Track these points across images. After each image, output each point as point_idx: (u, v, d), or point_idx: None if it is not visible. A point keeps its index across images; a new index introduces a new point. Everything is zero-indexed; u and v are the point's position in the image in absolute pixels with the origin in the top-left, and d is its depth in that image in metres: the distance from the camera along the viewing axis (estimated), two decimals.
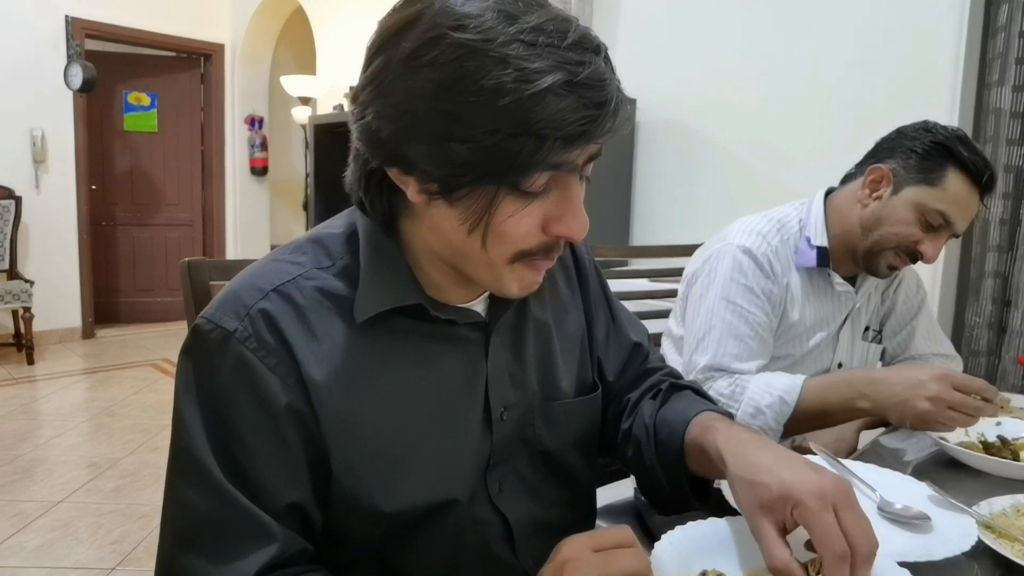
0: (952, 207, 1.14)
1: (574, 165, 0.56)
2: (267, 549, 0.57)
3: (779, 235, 1.25)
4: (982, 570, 0.67)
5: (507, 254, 0.59)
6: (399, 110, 0.54)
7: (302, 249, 0.66)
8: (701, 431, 0.69)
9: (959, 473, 0.94)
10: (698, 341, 1.21)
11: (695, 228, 2.69)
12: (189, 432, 0.58)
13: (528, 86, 0.50)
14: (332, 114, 3.91)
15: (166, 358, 4.63)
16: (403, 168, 0.57)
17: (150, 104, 5.63)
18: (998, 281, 2.14)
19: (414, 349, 0.66)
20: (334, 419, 0.61)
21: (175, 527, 0.58)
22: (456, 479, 0.67)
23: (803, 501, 0.54)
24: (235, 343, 0.59)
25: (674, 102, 2.78)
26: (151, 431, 3.20)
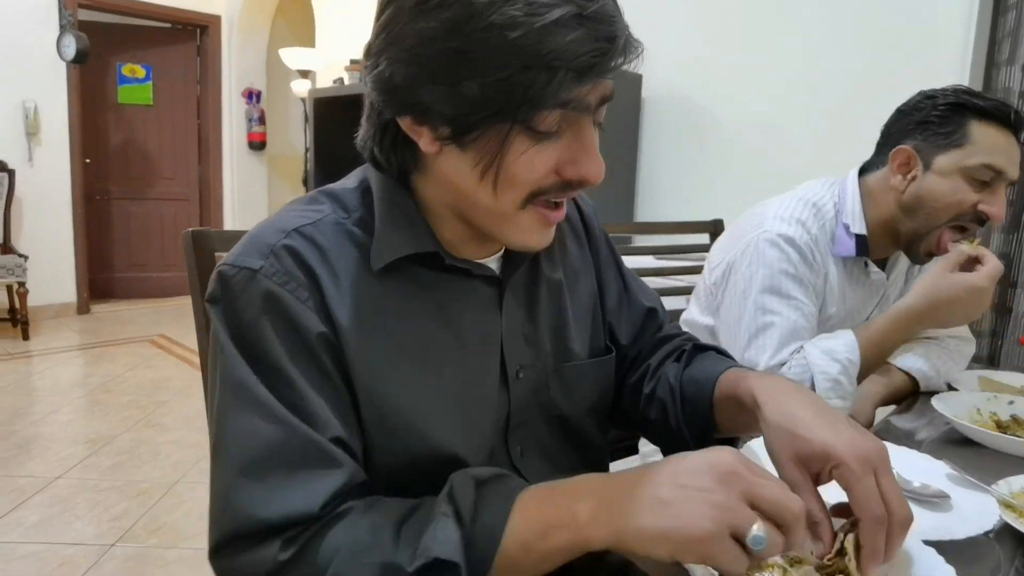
0: (993, 155, 1.08)
1: (586, 104, 0.56)
2: (334, 477, 0.56)
3: (816, 222, 1.19)
4: (1002, 549, 0.66)
5: (519, 198, 0.59)
6: (412, 54, 0.55)
7: (318, 200, 0.66)
8: (733, 382, 0.69)
9: (972, 453, 0.93)
10: (751, 338, 1.15)
11: (700, 205, 2.67)
12: (235, 366, 0.57)
13: (537, 19, 0.50)
14: (332, 88, 3.85)
15: (162, 334, 4.61)
16: (417, 115, 0.58)
17: (145, 76, 5.55)
18: (1004, 262, 2.12)
19: (431, 298, 0.66)
20: (359, 360, 0.60)
21: (238, 457, 0.56)
22: (476, 433, 0.68)
23: (846, 462, 0.53)
24: (262, 279, 0.58)
25: (680, 78, 2.74)
26: (148, 408, 3.19)
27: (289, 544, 0.53)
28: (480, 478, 0.55)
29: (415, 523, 0.53)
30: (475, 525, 0.51)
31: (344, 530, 0.54)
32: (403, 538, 0.52)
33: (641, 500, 0.49)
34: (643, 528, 0.48)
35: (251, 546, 0.54)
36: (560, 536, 0.50)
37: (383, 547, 0.52)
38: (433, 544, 0.50)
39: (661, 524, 0.47)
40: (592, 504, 0.50)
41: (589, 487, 0.53)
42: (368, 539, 0.53)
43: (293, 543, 0.53)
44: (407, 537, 0.52)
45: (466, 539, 0.51)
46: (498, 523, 0.51)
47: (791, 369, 1.11)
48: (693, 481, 0.48)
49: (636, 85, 2.81)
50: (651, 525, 0.48)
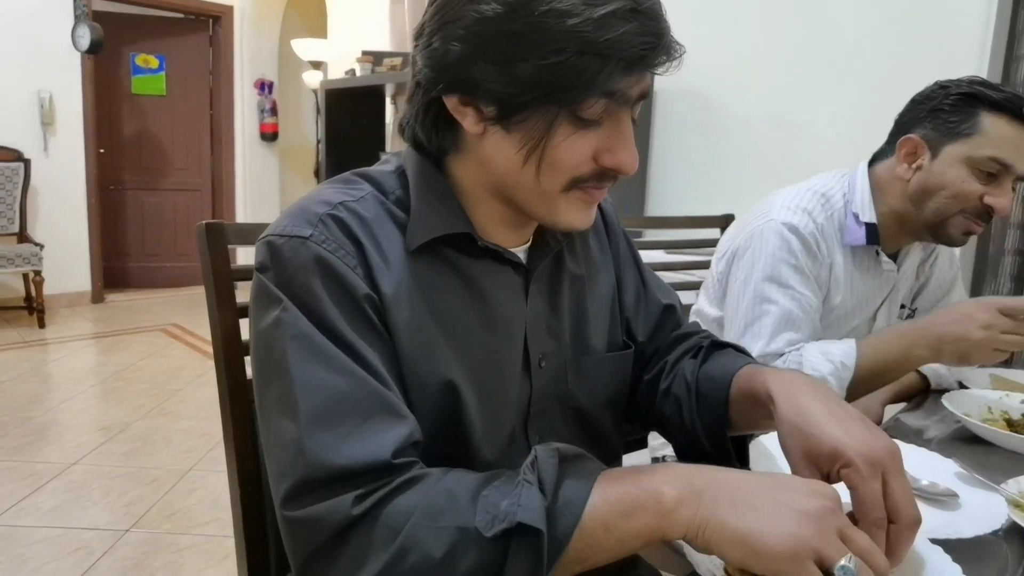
0: (1001, 148, 1.07)
1: (628, 97, 0.59)
2: (400, 428, 0.57)
3: (824, 212, 1.19)
4: (1011, 548, 0.66)
5: (561, 182, 0.62)
6: (469, 32, 0.57)
7: (355, 181, 0.68)
8: (749, 378, 0.69)
9: (982, 451, 0.93)
10: (747, 326, 1.15)
11: (711, 199, 2.66)
12: (299, 325, 0.58)
13: (596, 8, 0.54)
14: (344, 79, 3.85)
15: (176, 323, 4.65)
16: (465, 93, 0.60)
17: (158, 67, 5.58)
18: (1017, 259, 2.11)
19: (464, 279, 0.68)
20: (399, 328, 0.62)
21: (309, 408, 0.56)
22: (499, 414, 0.69)
23: (854, 464, 0.53)
24: (312, 245, 0.60)
25: (692, 71, 2.71)
26: (161, 396, 3.22)
27: (361, 500, 0.53)
28: (565, 453, 0.55)
29: (494, 491, 0.53)
30: (557, 497, 0.51)
31: (419, 494, 0.53)
32: (481, 504, 0.52)
33: (732, 499, 0.49)
34: (727, 524, 0.48)
35: (323, 496, 0.54)
36: (642, 518, 0.50)
37: (460, 511, 0.52)
38: (517, 510, 0.50)
39: (746, 526, 0.47)
40: (679, 489, 0.51)
41: (677, 473, 0.53)
42: (444, 503, 0.52)
43: (365, 499, 0.53)
44: (485, 504, 0.52)
45: (548, 509, 0.50)
46: (580, 498, 0.51)
47: (785, 363, 1.11)
48: (791, 500, 0.49)
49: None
50: (736, 524, 0.48)
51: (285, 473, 0.56)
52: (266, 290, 0.61)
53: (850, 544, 0.47)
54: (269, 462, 0.59)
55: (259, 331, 0.61)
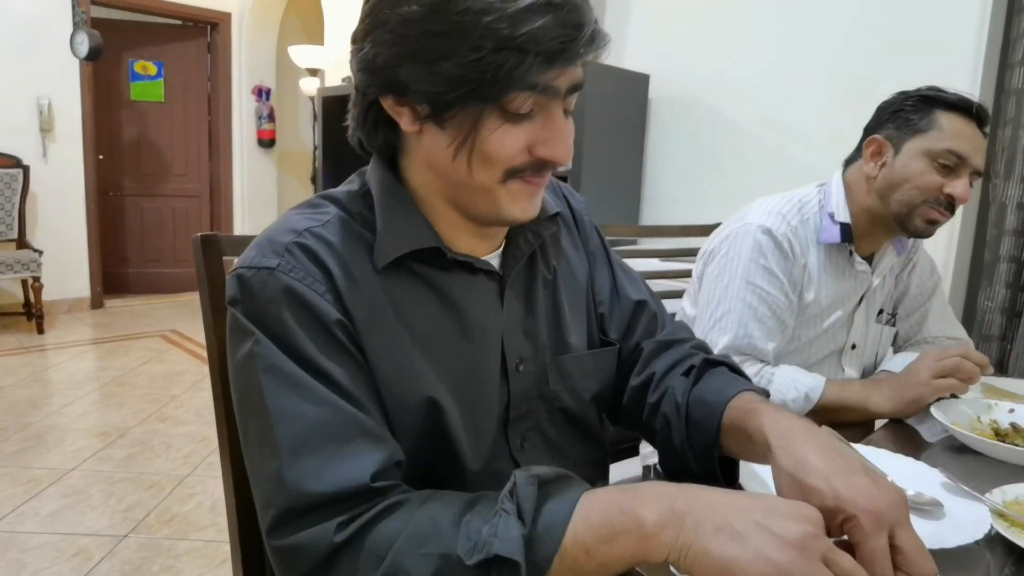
0: (957, 141, 1.15)
1: (556, 90, 0.60)
2: (379, 451, 0.58)
3: (799, 215, 1.25)
4: (994, 558, 0.67)
5: (497, 175, 0.62)
6: (394, 35, 0.59)
7: (321, 205, 0.69)
8: (744, 414, 0.68)
9: (971, 460, 0.94)
10: (716, 320, 1.21)
11: (706, 207, 2.67)
12: (273, 357, 0.59)
13: (510, 4, 0.55)
14: (341, 86, 3.86)
15: (175, 329, 4.65)
16: (398, 94, 0.61)
17: (157, 73, 5.59)
18: (1012, 266, 2.11)
19: (437, 293, 0.68)
20: (374, 350, 0.63)
21: (287, 438, 0.57)
22: (478, 424, 0.70)
23: (857, 520, 0.51)
24: (279, 275, 0.61)
25: (687, 78, 2.74)
26: (160, 401, 3.23)
27: (344, 526, 0.54)
28: (544, 477, 0.55)
29: (476, 517, 0.53)
30: (536, 524, 0.51)
31: (402, 519, 0.54)
32: (463, 531, 0.52)
33: (715, 524, 0.48)
34: (710, 552, 0.47)
35: (306, 524, 0.55)
36: (624, 542, 0.50)
37: (443, 538, 0.52)
38: (494, 541, 0.50)
39: (730, 555, 0.47)
40: (660, 513, 0.50)
41: (659, 495, 0.52)
42: (428, 529, 0.53)
43: (348, 525, 0.54)
44: (467, 530, 0.52)
45: (527, 538, 0.51)
46: (560, 524, 0.51)
47: (758, 380, 1.16)
48: (775, 525, 0.47)
49: (643, 85, 2.80)
50: (719, 552, 0.47)
51: (269, 504, 0.57)
52: (238, 323, 0.62)
53: (834, 568, 0.46)
54: (255, 494, 0.60)
55: (235, 364, 0.62)
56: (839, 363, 1.32)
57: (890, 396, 1.11)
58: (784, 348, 1.25)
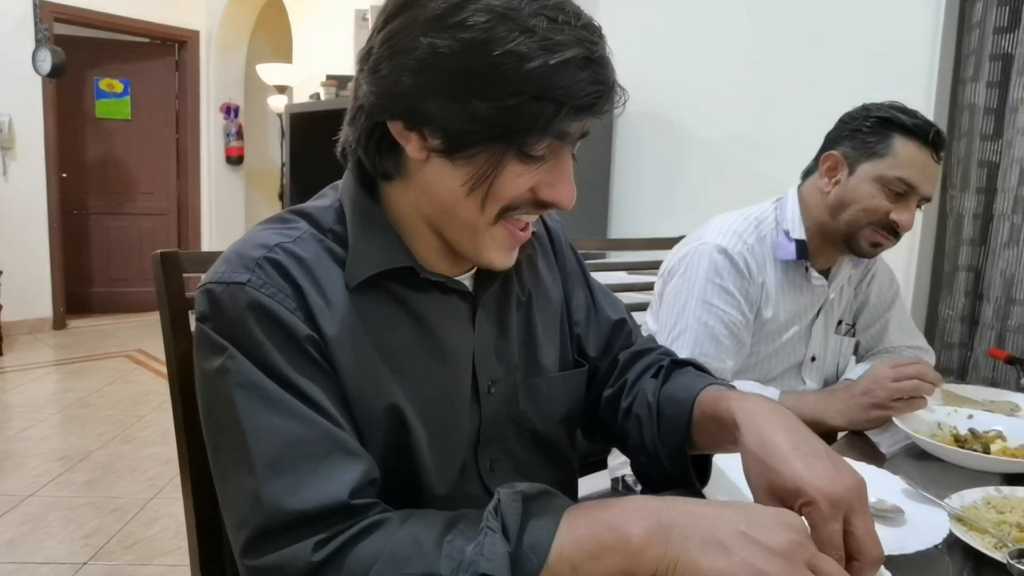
0: (909, 170, 1.16)
1: (572, 136, 0.60)
2: (356, 467, 0.57)
3: (756, 232, 1.27)
4: (953, 562, 0.68)
5: (495, 211, 0.62)
6: (422, 64, 0.57)
7: (292, 220, 0.67)
8: (713, 401, 0.69)
9: (932, 466, 0.95)
10: (673, 339, 1.22)
11: (674, 221, 2.70)
12: (247, 373, 0.58)
13: (553, 56, 0.55)
14: (308, 103, 3.85)
15: (141, 349, 4.56)
16: (411, 121, 0.60)
17: (123, 91, 5.52)
18: (971, 275, 2.17)
19: (410, 312, 0.67)
20: (344, 368, 0.62)
21: (262, 456, 0.56)
22: (448, 446, 0.69)
23: (816, 503, 0.53)
24: (250, 291, 0.60)
25: (654, 94, 2.77)
26: (126, 423, 3.15)
27: (322, 546, 0.53)
28: (528, 494, 0.54)
29: (459, 536, 0.52)
30: (522, 542, 0.51)
31: (382, 539, 0.53)
32: (446, 550, 0.51)
33: (702, 537, 0.48)
34: (698, 566, 0.47)
35: (283, 543, 0.53)
36: (610, 558, 0.50)
37: (425, 558, 0.51)
38: (480, 559, 0.49)
39: (718, 567, 0.47)
40: (647, 528, 0.50)
41: (645, 510, 0.52)
42: (409, 549, 0.52)
43: (327, 545, 0.53)
44: (450, 550, 0.51)
45: (512, 556, 0.50)
46: (545, 541, 0.51)
47: None
48: (760, 535, 0.48)
49: None
50: (707, 566, 0.47)
51: (244, 523, 0.56)
52: (209, 339, 0.60)
53: (819, 573, 0.47)
54: (226, 514, 0.59)
55: (205, 381, 0.61)
56: (799, 375, 1.34)
57: (847, 414, 1.12)
58: (744, 363, 1.26)
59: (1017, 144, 2.01)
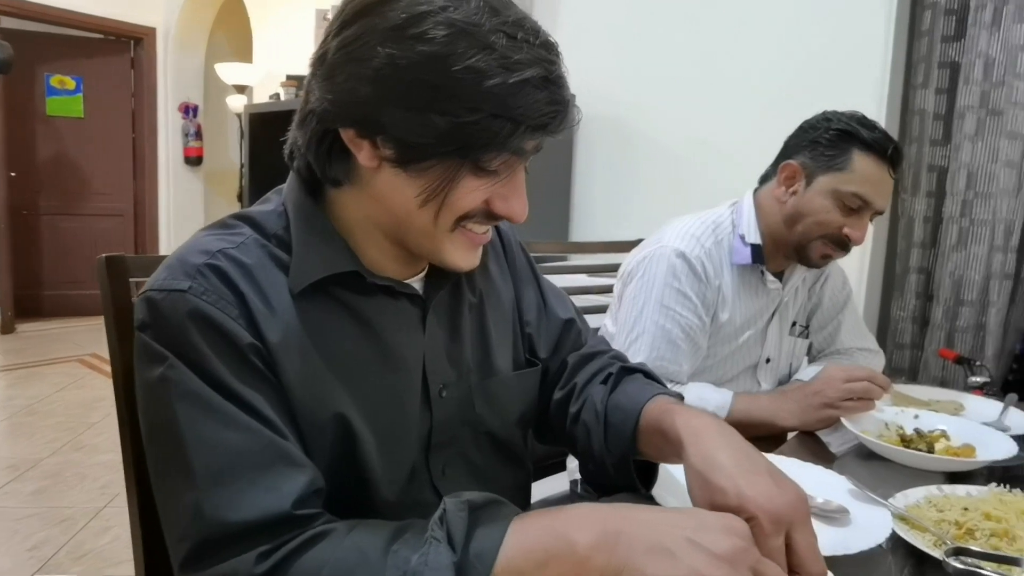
0: (865, 186, 1.18)
1: (526, 152, 0.61)
2: (300, 477, 0.56)
3: (713, 236, 1.28)
4: (895, 561, 0.70)
5: (450, 222, 0.63)
6: (380, 75, 0.56)
7: (235, 225, 0.66)
8: (658, 414, 0.70)
9: (879, 466, 0.97)
10: (631, 342, 1.23)
11: (634, 224, 2.72)
12: (188, 382, 0.57)
13: (512, 74, 0.55)
14: (268, 103, 3.79)
15: (95, 353, 4.43)
16: (364, 130, 0.59)
17: (75, 88, 5.36)
18: (921, 276, 2.23)
19: (356, 318, 0.67)
20: (288, 375, 0.61)
21: (203, 467, 0.55)
22: (397, 452, 0.68)
23: (758, 520, 0.53)
24: (191, 298, 0.59)
25: (612, 97, 2.79)
26: (76, 430, 3.06)
27: (265, 557, 0.52)
28: (474, 503, 0.54)
29: (404, 546, 0.52)
30: (468, 551, 0.50)
31: (327, 550, 0.52)
32: (391, 560, 0.51)
33: (647, 543, 0.49)
34: (642, 570, 0.48)
35: (224, 555, 0.52)
36: (556, 567, 0.50)
37: (370, 567, 0.51)
38: (424, 569, 0.49)
39: (663, 573, 0.47)
40: (593, 535, 0.50)
41: (592, 517, 0.52)
42: (354, 559, 0.51)
43: (269, 556, 0.52)
44: (395, 560, 0.51)
45: (458, 565, 0.49)
46: (491, 550, 0.50)
47: None
48: (706, 540, 0.49)
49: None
50: (652, 570, 0.47)
51: (185, 536, 0.54)
52: (149, 348, 0.59)
53: None
54: (166, 527, 0.57)
55: (145, 391, 0.60)
56: (754, 377, 1.35)
57: (799, 414, 1.14)
58: (700, 365, 1.27)
59: (964, 149, 2.07)
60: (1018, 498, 0.79)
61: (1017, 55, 1.96)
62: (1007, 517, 0.73)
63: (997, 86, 2.00)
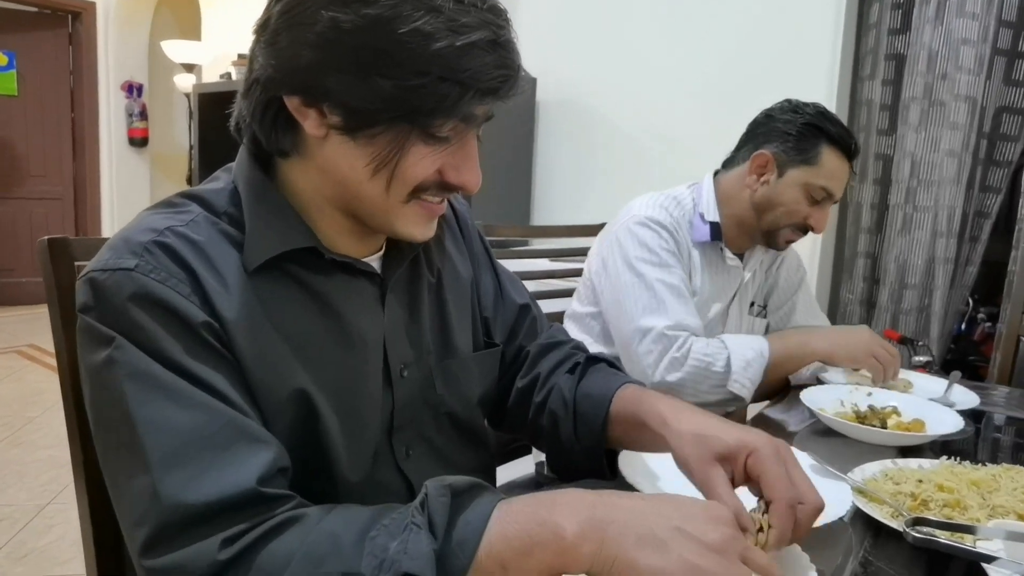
0: (831, 180, 1.25)
1: (477, 119, 0.60)
2: (264, 453, 0.54)
3: (677, 210, 1.33)
4: (855, 532, 0.72)
5: (404, 193, 0.61)
6: (323, 39, 0.55)
7: (182, 204, 0.63)
8: (632, 401, 0.72)
9: (836, 442, 1.00)
10: (644, 308, 1.24)
11: (594, 208, 2.74)
12: (137, 362, 0.54)
13: (459, 37, 0.53)
14: (219, 83, 3.68)
15: (33, 343, 4.25)
16: (310, 97, 0.57)
17: (7, 64, 5.09)
18: (868, 261, 2.30)
19: (313, 296, 0.65)
20: (245, 355, 0.59)
21: (157, 449, 0.52)
22: (360, 434, 0.67)
23: (760, 451, 0.59)
24: (138, 277, 0.56)
25: (573, 82, 2.80)
26: (14, 425, 2.93)
27: (230, 543, 0.49)
28: (457, 487, 0.52)
29: (382, 532, 0.49)
30: (449, 539, 0.49)
31: (298, 536, 0.50)
32: (368, 547, 0.48)
33: (639, 534, 0.48)
34: (635, 562, 0.47)
35: (186, 540, 0.49)
36: (541, 555, 0.48)
37: (344, 556, 0.48)
38: (403, 558, 0.47)
39: (656, 566, 0.46)
40: (580, 522, 0.49)
41: (578, 504, 0.50)
42: (327, 547, 0.49)
43: (235, 542, 0.49)
44: (372, 547, 0.48)
45: (439, 553, 0.48)
46: (473, 538, 0.49)
47: (709, 346, 1.21)
48: (695, 530, 0.48)
49: (531, 88, 2.84)
50: (644, 562, 0.47)
51: (141, 522, 0.51)
52: (93, 331, 0.56)
53: (751, 564, 0.49)
54: (121, 516, 0.54)
55: (91, 374, 0.56)
56: None
57: (830, 339, 1.25)
58: None
59: (908, 139, 2.14)
60: (968, 469, 0.83)
61: (959, 48, 2.03)
62: (959, 488, 0.76)
63: (940, 78, 2.07)
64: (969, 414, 1.12)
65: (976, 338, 2.30)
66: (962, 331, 2.27)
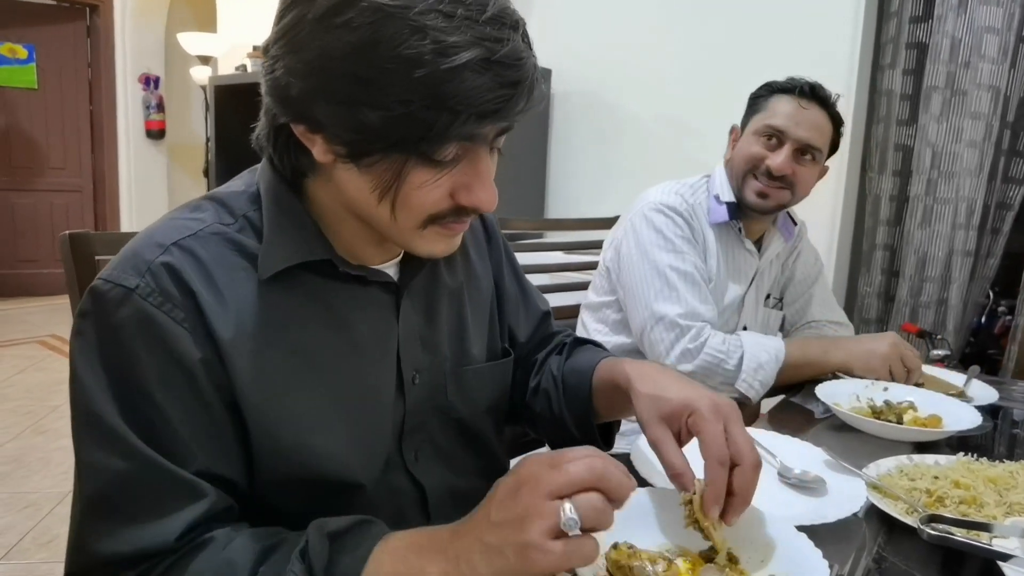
0: (776, 118, 1.27)
1: (484, 137, 0.56)
2: (196, 506, 0.55)
3: (692, 196, 1.34)
4: (869, 528, 0.72)
5: (418, 221, 0.59)
6: (311, 68, 0.52)
7: (201, 207, 0.64)
8: (609, 368, 0.75)
9: (851, 437, 1.00)
10: (657, 293, 1.26)
11: (609, 201, 2.73)
12: (91, 396, 0.55)
13: (445, 60, 0.49)
14: (234, 75, 3.69)
15: (54, 334, 4.31)
16: (311, 126, 0.56)
17: (27, 57, 5.15)
18: (887, 253, 2.28)
19: (324, 307, 0.65)
20: (246, 377, 0.59)
21: (86, 493, 0.55)
22: (371, 442, 0.67)
23: (699, 410, 0.61)
24: (137, 299, 0.56)
25: (589, 73, 2.78)
26: (37, 413, 2.98)
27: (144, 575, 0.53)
28: (336, 531, 0.53)
29: (269, 570, 0.52)
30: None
31: (203, 562, 0.53)
32: None
33: (476, 550, 0.48)
34: None
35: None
36: None
37: None
38: None
39: (497, 566, 0.47)
40: (442, 564, 0.49)
41: (441, 544, 0.50)
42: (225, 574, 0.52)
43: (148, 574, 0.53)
44: None
45: None
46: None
47: (725, 343, 1.22)
48: (502, 513, 0.48)
49: (546, 79, 2.83)
50: (490, 573, 0.47)
51: (67, 559, 0.55)
52: (81, 340, 0.57)
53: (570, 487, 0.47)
54: None
55: (70, 382, 0.58)
56: None
57: (848, 350, 1.23)
58: None
59: (930, 129, 2.11)
60: (984, 466, 0.82)
61: (983, 36, 2.00)
62: (975, 485, 0.75)
63: (962, 67, 2.04)
64: (987, 409, 1.11)
65: (996, 332, 2.27)
66: (982, 324, 2.24)
